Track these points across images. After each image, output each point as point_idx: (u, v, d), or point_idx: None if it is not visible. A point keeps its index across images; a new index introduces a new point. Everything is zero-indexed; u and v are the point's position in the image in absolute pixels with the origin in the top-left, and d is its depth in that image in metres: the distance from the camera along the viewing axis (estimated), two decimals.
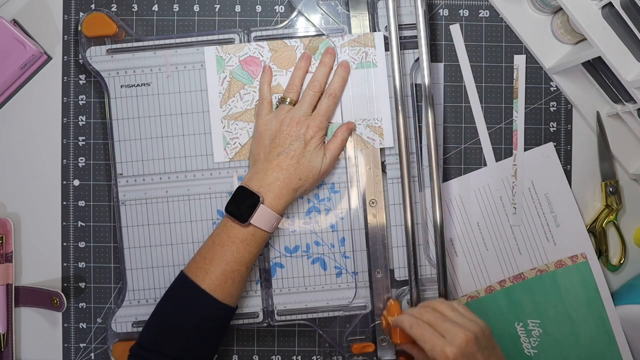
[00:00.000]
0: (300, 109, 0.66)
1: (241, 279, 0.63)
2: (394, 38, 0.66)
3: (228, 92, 0.69)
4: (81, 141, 0.72)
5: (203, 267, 0.62)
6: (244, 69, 0.69)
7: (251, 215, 0.62)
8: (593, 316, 0.71)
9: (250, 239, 0.63)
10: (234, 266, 0.62)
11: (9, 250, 0.71)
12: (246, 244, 0.63)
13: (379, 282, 0.70)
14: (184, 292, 0.63)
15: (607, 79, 0.67)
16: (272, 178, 0.63)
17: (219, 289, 0.62)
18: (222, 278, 0.62)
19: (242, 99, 0.69)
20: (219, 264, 0.62)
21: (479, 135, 0.72)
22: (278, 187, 0.63)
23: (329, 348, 0.72)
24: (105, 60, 0.70)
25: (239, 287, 0.64)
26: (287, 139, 0.64)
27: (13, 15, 0.71)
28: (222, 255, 0.62)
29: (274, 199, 0.63)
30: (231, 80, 0.69)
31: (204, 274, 0.62)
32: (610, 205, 0.72)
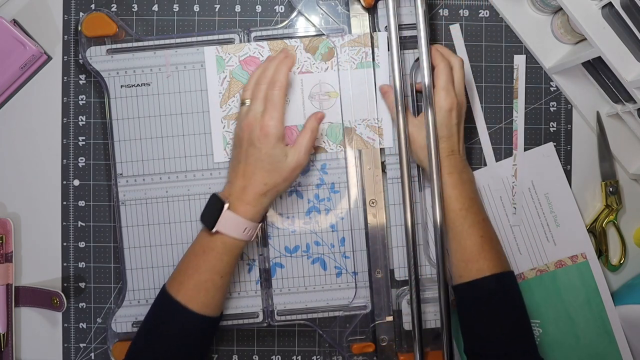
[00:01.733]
0: (252, 110, 0.62)
1: (216, 288, 0.62)
2: (394, 38, 0.66)
3: (228, 92, 0.69)
4: (81, 141, 0.72)
5: (178, 279, 0.62)
6: (244, 69, 0.69)
7: (216, 221, 0.60)
8: (593, 316, 0.71)
9: (220, 247, 0.61)
10: (206, 276, 0.61)
11: (9, 250, 0.71)
12: (216, 252, 0.61)
13: (379, 282, 0.70)
14: (162, 305, 0.63)
15: (607, 79, 0.67)
16: (238, 186, 0.62)
17: (193, 300, 0.61)
18: (195, 289, 0.61)
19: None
20: (192, 274, 0.61)
21: (479, 135, 0.72)
22: (245, 194, 0.61)
23: (329, 348, 0.72)
24: (105, 60, 0.70)
25: (215, 297, 0.62)
26: (244, 144, 0.62)
27: (13, 15, 0.71)
28: (195, 265, 0.62)
29: (241, 205, 0.61)
30: (231, 80, 0.69)
31: (178, 285, 0.62)
32: (610, 205, 0.72)
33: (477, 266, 0.62)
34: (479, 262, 0.62)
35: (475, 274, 0.62)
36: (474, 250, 0.63)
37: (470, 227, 0.63)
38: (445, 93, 0.63)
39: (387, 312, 0.70)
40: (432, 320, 0.70)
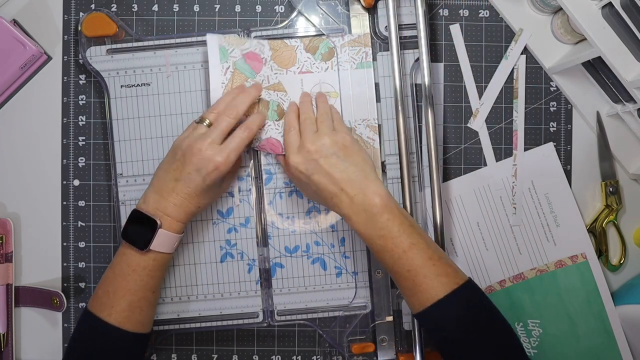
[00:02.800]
0: (211, 136, 0.60)
1: (150, 304, 0.62)
2: (394, 38, 0.66)
3: (231, 83, 0.68)
4: (81, 141, 0.72)
5: (107, 302, 0.60)
6: (247, 62, 0.69)
7: (150, 241, 0.59)
8: (593, 316, 0.71)
9: (152, 265, 0.61)
10: (140, 294, 0.61)
11: (9, 250, 0.71)
12: (149, 270, 0.61)
13: (379, 282, 0.70)
14: (91, 330, 0.61)
15: (607, 79, 0.67)
16: (169, 203, 0.60)
17: (128, 321, 0.60)
18: (129, 309, 0.60)
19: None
20: (124, 296, 0.60)
21: (479, 135, 0.72)
22: (176, 212, 0.61)
23: (329, 348, 0.72)
24: (105, 60, 0.70)
25: (149, 314, 0.62)
26: (189, 167, 0.60)
27: (13, 15, 0.71)
28: (126, 286, 0.60)
29: (171, 222, 0.61)
30: (234, 71, 0.68)
31: (109, 308, 0.60)
32: (610, 205, 0.72)
33: (417, 300, 0.58)
34: (417, 296, 0.57)
35: (419, 307, 0.58)
36: (408, 285, 0.58)
37: (393, 265, 0.58)
38: (287, 154, 0.63)
39: (387, 312, 0.70)
40: None
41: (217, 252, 0.70)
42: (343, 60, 0.69)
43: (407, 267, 0.57)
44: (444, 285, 0.57)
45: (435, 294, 0.57)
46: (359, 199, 0.59)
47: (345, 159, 0.60)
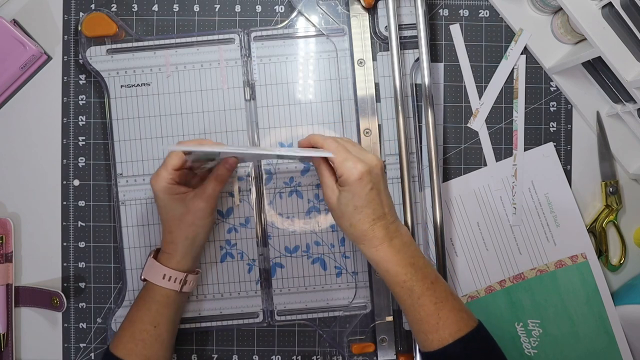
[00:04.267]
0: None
1: (153, 340, 0.61)
2: (394, 38, 0.66)
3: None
4: (81, 141, 0.72)
5: (118, 335, 0.62)
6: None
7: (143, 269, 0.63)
8: (593, 316, 0.71)
9: (145, 295, 0.62)
10: (140, 326, 0.61)
11: (9, 250, 0.71)
12: (145, 301, 0.62)
13: (379, 282, 0.70)
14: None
15: (607, 79, 0.67)
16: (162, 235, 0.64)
17: (133, 354, 0.60)
18: (131, 341, 0.61)
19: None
20: (127, 328, 0.62)
21: (479, 135, 0.72)
22: (164, 243, 0.63)
23: (329, 348, 0.72)
24: (105, 60, 0.70)
25: (154, 348, 0.62)
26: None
27: (13, 15, 0.71)
28: (129, 318, 0.62)
29: (163, 253, 0.63)
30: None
31: (117, 340, 0.62)
32: (610, 205, 0.72)
33: (437, 337, 0.57)
34: (438, 332, 0.57)
35: (437, 344, 0.57)
36: (431, 321, 0.57)
37: (420, 297, 0.57)
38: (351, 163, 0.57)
39: (387, 312, 0.70)
40: None
41: (217, 252, 0.70)
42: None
43: (435, 300, 0.57)
44: (464, 321, 0.58)
45: (457, 330, 0.57)
46: (394, 227, 0.59)
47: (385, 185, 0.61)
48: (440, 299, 0.58)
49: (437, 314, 0.57)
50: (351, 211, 0.58)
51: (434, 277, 0.59)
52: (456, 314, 0.58)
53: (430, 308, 0.57)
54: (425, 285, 0.58)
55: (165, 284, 0.62)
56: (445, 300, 0.58)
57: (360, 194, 0.58)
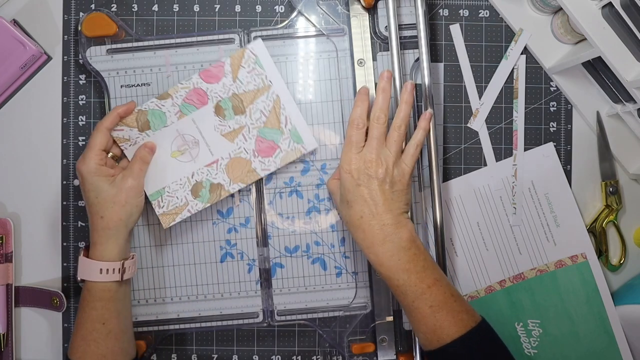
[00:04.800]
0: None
1: (104, 337, 0.61)
2: (394, 38, 0.66)
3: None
4: (81, 141, 0.72)
5: (71, 341, 0.62)
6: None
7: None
8: (593, 316, 0.71)
9: (87, 295, 0.61)
10: (89, 326, 0.60)
11: (9, 250, 0.71)
12: (87, 301, 0.61)
13: (379, 282, 0.70)
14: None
15: (607, 79, 0.67)
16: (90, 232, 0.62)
17: (87, 355, 0.60)
18: (83, 343, 0.60)
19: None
20: (77, 331, 0.61)
21: (479, 135, 0.72)
22: (92, 236, 0.62)
23: (329, 348, 0.72)
24: (105, 60, 0.70)
25: (108, 346, 0.61)
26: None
27: (13, 15, 0.71)
28: (77, 320, 0.62)
29: (92, 247, 0.62)
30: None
31: (71, 346, 0.61)
32: (610, 205, 0.72)
33: (435, 337, 0.58)
34: (436, 333, 0.58)
35: (436, 343, 0.58)
36: (428, 322, 0.58)
37: (414, 301, 0.58)
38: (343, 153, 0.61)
39: (387, 312, 0.70)
40: None
41: (217, 252, 0.70)
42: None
43: (430, 303, 0.58)
44: (464, 322, 0.58)
45: (455, 330, 0.57)
46: (389, 230, 0.59)
47: (392, 188, 0.60)
48: (436, 302, 0.58)
49: (434, 317, 0.58)
50: (345, 206, 0.61)
51: (432, 281, 0.58)
52: (454, 316, 0.58)
53: (426, 311, 0.58)
54: (420, 289, 0.58)
55: (104, 277, 0.60)
56: (443, 303, 0.58)
57: (349, 189, 0.60)
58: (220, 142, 0.66)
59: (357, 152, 0.61)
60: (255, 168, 0.67)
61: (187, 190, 0.66)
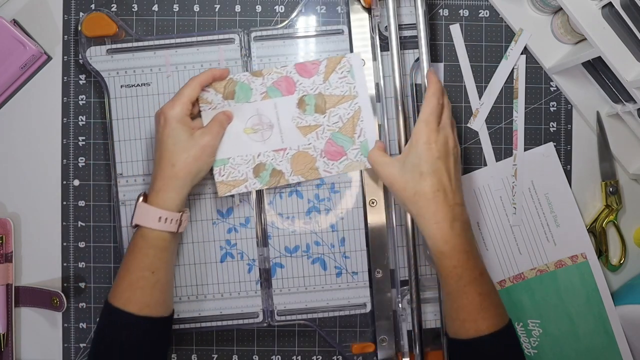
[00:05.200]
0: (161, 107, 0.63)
1: (151, 286, 0.60)
2: (394, 38, 0.66)
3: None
4: (81, 141, 0.72)
5: (114, 285, 0.61)
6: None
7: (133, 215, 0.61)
8: (593, 316, 0.71)
9: (140, 241, 0.61)
10: (137, 273, 0.60)
11: (9, 250, 0.71)
12: (140, 247, 0.61)
13: (379, 282, 0.70)
14: (104, 316, 0.61)
15: (607, 79, 0.67)
16: (152, 177, 0.62)
17: (131, 302, 0.59)
18: (129, 289, 0.60)
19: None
20: (124, 275, 0.60)
21: (479, 135, 0.72)
22: (156, 182, 0.61)
23: (329, 348, 0.72)
24: (105, 60, 0.70)
25: (154, 295, 0.60)
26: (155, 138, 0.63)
27: (13, 15, 0.71)
28: (125, 265, 0.61)
29: (154, 194, 0.61)
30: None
31: (114, 291, 0.61)
32: (610, 205, 0.72)
33: (474, 326, 0.57)
34: (477, 322, 0.57)
35: (472, 333, 0.57)
36: (472, 309, 0.57)
37: (466, 285, 0.58)
38: (423, 124, 0.59)
39: (387, 312, 0.70)
40: (432, 320, 0.70)
41: (217, 252, 0.70)
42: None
43: (480, 290, 0.58)
44: (501, 317, 0.59)
45: (494, 323, 0.58)
46: (458, 209, 0.59)
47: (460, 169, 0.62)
48: (485, 290, 0.58)
49: (480, 305, 0.57)
50: (417, 178, 0.59)
51: (483, 269, 0.59)
52: (495, 308, 0.59)
53: (475, 298, 0.58)
54: (474, 275, 0.58)
55: (162, 226, 0.60)
56: (489, 293, 0.59)
57: (427, 159, 0.58)
58: (293, 132, 0.68)
59: (438, 125, 0.60)
60: (318, 167, 0.68)
61: (250, 167, 0.67)
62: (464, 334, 0.58)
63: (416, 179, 0.59)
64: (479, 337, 0.57)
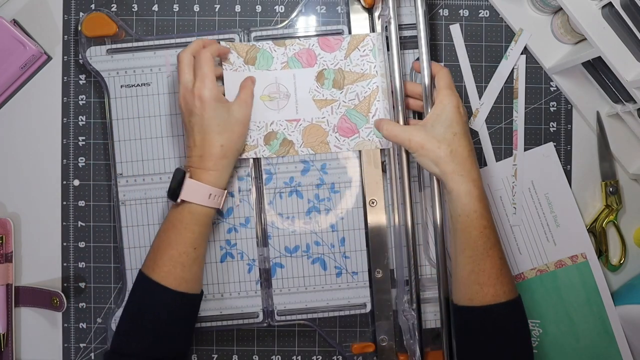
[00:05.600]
0: (182, 82, 0.62)
1: (192, 262, 0.61)
2: (394, 38, 0.66)
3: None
4: (81, 141, 0.72)
5: (152, 258, 0.61)
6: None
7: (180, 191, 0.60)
8: (593, 316, 0.71)
9: (187, 217, 0.61)
10: (180, 249, 0.60)
11: (9, 250, 0.71)
12: (186, 224, 0.61)
13: (379, 282, 0.70)
14: (139, 287, 0.62)
15: (607, 79, 0.67)
16: (195, 156, 0.62)
17: (170, 277, 0.60)
18: (170, 264, 0.60)
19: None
20: (165, 251, 0.61)
21: (479, 135, 0.72)
22: (204, 161, 0.61)
23: (329, 348, 0.72)
24: (105, 60, 0.70)
25: (192, 271, 0.61)
26: (185, 116, 0.63)
27: (13, 15, 0.71)
28: (167, 241, 0.61)
29: (202, 172, 0.61)
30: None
31: (153, 264, 0.61)
32: (610, 205, 0.72)
33: (493, 291, 0.58)
34: (495, 287, 0.58)
35: (490, 299, 0.58)
36: (493, 273, 0.58)
37: (491, 248, 0.58)
38: (450, 91, 0.61)
39: (387, 312, 0.70)
40: (432, 320, 0.70)
41: (217, 252, 0.70)
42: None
43: (500, 255, 0.59)
44: (515, 287, 0.60)
45: (511, 289, 0.59)
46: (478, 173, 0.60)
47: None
48: (503, 256, 0.60)
49: (500, 270, 0.58)
50: (451, 138, 0.60)
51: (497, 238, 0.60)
52: (511, 277, 0.60)
53: (497, 262, 0.58)
54: (497, 238, 0.60)
55: (210, 202, 0.61)
56: (506, 260, 0.60)
57: (459, 121, 0.60)
58: (308, 104, 0.69)
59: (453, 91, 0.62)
60: (329, 142, 0.69)
61: (261, 134, 0.68)
62: (480, 299, 0.58)
63: (450, 139, 0.60)
64: (496, 304, 0.58)
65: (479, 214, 0.59)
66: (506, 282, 0.59)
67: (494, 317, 0.58)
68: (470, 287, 0.59)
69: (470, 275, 0.59)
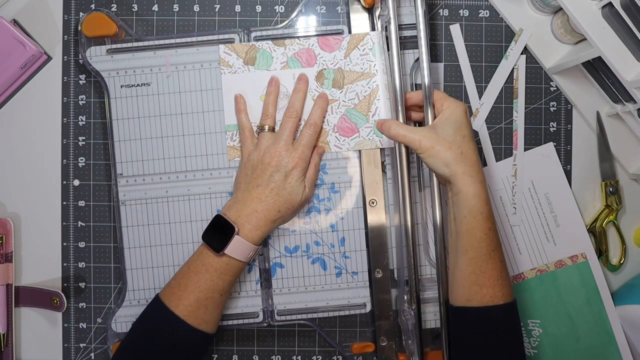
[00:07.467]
0: (281, 139, 0.65)
1: (215, 306, 0.63)
2: (394, 38, 0.66)
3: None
4: (81, 141, 0.72)
5: (177, 294, 0.62)
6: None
7: (226, 245, 0.61)
8: (593, 316, 0.71)
9: (224, 268, 0.62)
10: (208, 294, 0.62)
11: (9, 250, 0.71)
12: (220, 273, 0.62)
13: (379, 282, 0.70)
14: (158, 317, 0.63)
15: (607, 79, 0.67)
16: (250, 209, 0.63)
17: (192, 315, 0.61)
18: (195, 305, 0.62)
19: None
20: (193, 291, 0.62)
21: (479, 135, 0.72)
22: (255, 218, 0.63)
23: (329, 348, 0.72)
24: (105, 60, 0.70)
25: (213, 314, 0.63)
26: (268, 169, 0.64)
27: (13, 15, 0.71)
28: (196, 283, 0.62)
29: (250, 230, 0.62)
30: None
31: (177, 300, 0.62)
32: (610, 205, 0.72)
33: (491, 292, 0.58)
34: (494, 289, 0.58)
35: (488, 300, 0.58)
36: (493, 275, 0.59)
37: (494, 250, 0.59)
38: (455, 99, 0.62)
39: (387, 312, 0.70)
40: (432, 320, 0.70)
41: None
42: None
43: (501, 258, 0.60)
44: (512, 291, 0.60)
45: (509, 293, 0.59)
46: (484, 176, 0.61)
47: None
48: (504, 260, 0.60)
49: (500, 273, 0.59)
50: (460, 139, 0.60)
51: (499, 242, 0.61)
52: (509, 280, 0.60)
53: (497, 265, 0.59)
54: (499, 241, 0.60)
55: (247, 259, 0.63)
56: (505, 264, 0.60)
57: (467, 124, 0.61)
58: (308, 104, 0.69)
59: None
60: (329, 141, 0.69)
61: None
62: (478, 300, 0.59)
63: (460, 141, 0.60)
64: (492, 306, 0.58)
65: (484, 216, 0.59)
66: (505, 285, 0.59)
67: (490, 319, 0.59)
68: (469, 288, 0.59)
69: (470, 277, 0.59)
